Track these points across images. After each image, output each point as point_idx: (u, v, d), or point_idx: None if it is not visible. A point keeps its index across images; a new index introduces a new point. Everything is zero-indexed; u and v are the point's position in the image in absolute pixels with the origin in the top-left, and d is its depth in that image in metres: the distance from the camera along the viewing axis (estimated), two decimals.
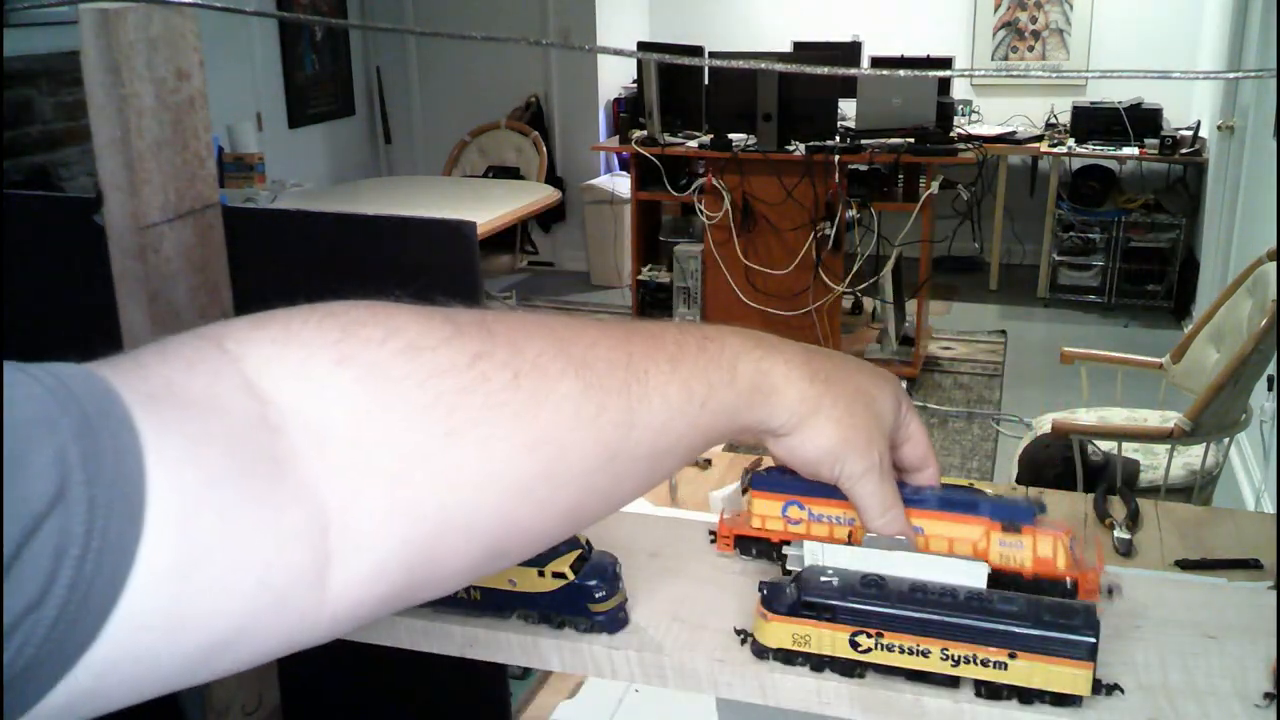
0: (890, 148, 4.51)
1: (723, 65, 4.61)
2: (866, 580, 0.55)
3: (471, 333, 0.41)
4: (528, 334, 0.43)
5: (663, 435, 0.46)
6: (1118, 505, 1.68)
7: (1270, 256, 2.85)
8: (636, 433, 0.45)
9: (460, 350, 0.40)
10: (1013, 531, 0.58)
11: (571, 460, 0.43)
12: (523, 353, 0.42)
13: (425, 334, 0.40)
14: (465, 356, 0.40)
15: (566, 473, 0.43)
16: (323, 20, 1.94)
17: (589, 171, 6.57)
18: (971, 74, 8.00)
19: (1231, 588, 0.66)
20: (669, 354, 0.48)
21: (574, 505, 0.44)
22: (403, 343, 0.39)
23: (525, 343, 0.43)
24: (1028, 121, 6.25)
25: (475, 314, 0.43)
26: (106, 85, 0.75)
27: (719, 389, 0.49)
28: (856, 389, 0.54)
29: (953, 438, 4.37)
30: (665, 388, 0.47)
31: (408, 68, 6.71)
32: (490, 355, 0.41)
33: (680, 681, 0.59)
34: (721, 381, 0.49)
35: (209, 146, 0.84)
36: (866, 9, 6.50)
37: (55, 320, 0.98)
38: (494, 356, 0.41)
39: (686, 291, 4.92)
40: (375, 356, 0.38)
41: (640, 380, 0.46)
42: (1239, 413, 2.76)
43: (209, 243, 0.85)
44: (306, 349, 0.38)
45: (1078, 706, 0.52)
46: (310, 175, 5.76)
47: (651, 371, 0.46)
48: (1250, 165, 4.28)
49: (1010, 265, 6.50)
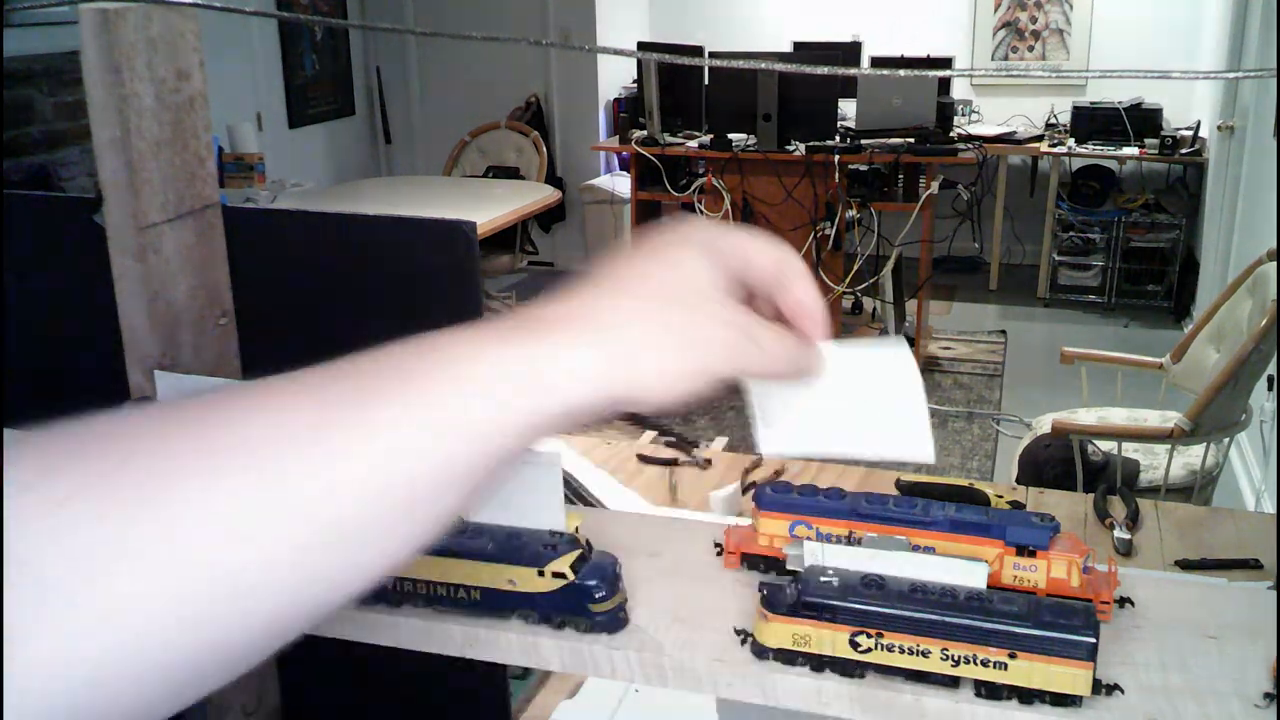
0: (890, 148, 4.51)
1: (723, 65, 4.62)
2: (866, 580, 0.55)
3: (71, 465, 0.35)
4: (168, 446, 0.36)
5: (389, 490, 0.38)
6: (1118, 505, 1.68)
7: (1270, 256, 2.85)
8: (344, 502, 0.37)
9: (48, 494, 0.34)
10: (1027, 555, 0.58)
11: (232, 574, 0.35)
12: (152, 474, 0.35)
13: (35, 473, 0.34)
14: (55, 499, 0.34)
15: (232, 592, 0.35)
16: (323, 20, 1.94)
17: (589, 171, 6.57)
18: (971, 74, 8.00)
19: (1231, 588, 0.66)
20: (387, 389, 0.39)
21: (268, 622, 0.37)
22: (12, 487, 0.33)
23: (164, 457, 0.36)
24: (1028, 121, 6.25)
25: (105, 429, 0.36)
26: (106, 85, 0.75)
27: (469, 407, 0.39)
28: (659, 295, 0.44)
29: (953, 438, 4.37)
30: (373, 436, 0.37)
31: (408, 68, 6.71)
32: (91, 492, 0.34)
33: (680, 681, 0.58)
34: (469, 395, 0.39)
35: (209, 146, 0.84)
36: (866, 9, 6.50)
37: (55, 320, 0.98)
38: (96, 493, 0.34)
39: None
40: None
41: (336, 439, 0.37)
42: (1239, 413, 2.76)
43: (209, 243, 0.85)
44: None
45: (1078, 706, 0.52)
46: (310, 175, 5.76)
47: (365, 416, 0.38)
48: (1250, 165, 4.28)
49: (1010, 265, 6.50)
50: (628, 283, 0.45)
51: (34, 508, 0.34)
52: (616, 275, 0.45)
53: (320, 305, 0.94)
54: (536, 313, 0.43)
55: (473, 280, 0.87)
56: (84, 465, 0.35)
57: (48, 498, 0.34)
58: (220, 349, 0.87)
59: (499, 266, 5.28)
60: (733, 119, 4.67)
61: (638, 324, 0.43)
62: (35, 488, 0.34)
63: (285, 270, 0.94)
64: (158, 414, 0.39)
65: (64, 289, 0.96)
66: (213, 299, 0.86)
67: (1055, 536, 0.59)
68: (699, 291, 0.45)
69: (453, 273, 0.87)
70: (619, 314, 0.43)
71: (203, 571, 0.35)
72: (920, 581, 0.55)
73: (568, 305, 0.44)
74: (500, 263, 5.26)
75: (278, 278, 0.93)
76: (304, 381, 0.39)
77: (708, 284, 0.46)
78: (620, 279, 0.45)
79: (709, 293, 0.45)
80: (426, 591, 0.62)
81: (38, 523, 0.34)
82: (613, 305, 0.44)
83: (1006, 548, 0.58)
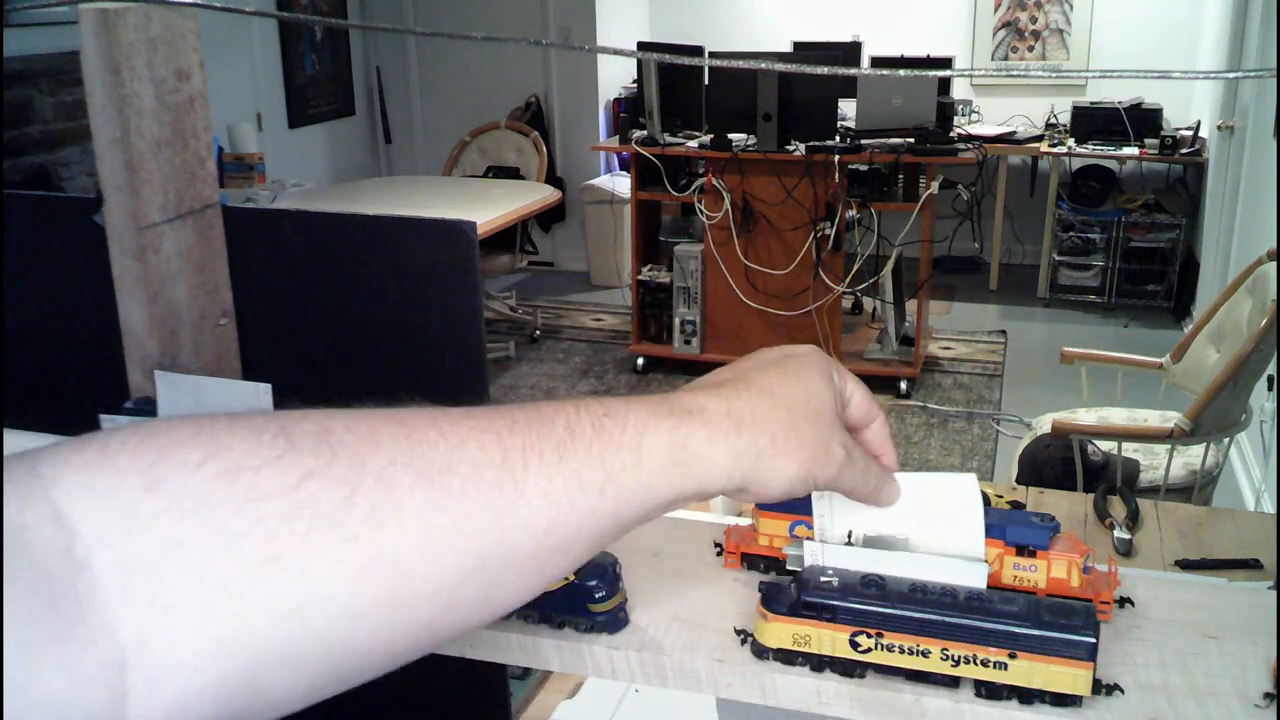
0: (890, 148, 4.51)
1: (723, 65, 4.61)
2: (866, 580, 0.55)
3: (306, 447, 0.39)
4: (377, 443, 0.41)
5: (550, 534, 0.43)
6: (1118, 505, 1.68)
7: (1270, 256, 2.85)
8: (512, 535, 0.42)
9: (288, 469, 0.38)
10: (1027, 555, 0.58)
11: (422, 578, 0.40)
12: (366, 466, 0.40)
13: (251, 453, 0.38)
14: (293, 476, 0.38)
15: (415, 592, 0.40)
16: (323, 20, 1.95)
17: (589, 171, 6.57)
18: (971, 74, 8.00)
19: (1231, 588, 0.66)
20: (556, 442, 0.44)
21: (431, 620, 0.41)
22: (222, 465, 0.37)
23: (372, 453, 0.40)
24: (1028, 121, 6.25)
25: (320, 423, 0.41)
26: (106, 85, 0.75)
27: (621, 473, 0.45)
28: (791, 406, 0.51)
29: (953, 438, 4.37)
30: (549, 482, 0.43)
31: (408, 68, 6.71)
32: (323, 473, 0.39)
33: (680, 681, 0.58)
34: (624, 464, 0.45)
35: (209, 146, 0.84)
36: (866, 9, 6.50)
37: (55, 320, 0.98)
38: (328, 474, 0.39)
39: (686, 291, 4.92)
40: (188, 481, 0.37)
41: (516, 478, 0.42)
42: (1239, 413, 2.76)
43: (209, 243, 0.85)
44: (119, 475, 0.36)
45: (1078, 706, 0.52)
46: (310, 175, 5.76)
47: (533, 465, 0.43)
48: (1250, 165, 4.28)
49: (1010, 265, 6.50)
50: (768, 387, 0.52)
51: (273, 480, 0.38)
52: (758, 375, 0.53)
53: (320, 305, 0.94)
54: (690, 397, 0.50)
55: (473, 280, 0.87)
56: (329, 447, 0.39)
57: (288, 471, 0.38)
58: (220, 349, 0.87)
59: (499, 266, 5.28)
60: (733, 119, 4.67)
61: (775, 427, 0.50)
62: (279, 460, 0.38)
63: (285, 270, 0.94)
64: (361, 421, 0.42)
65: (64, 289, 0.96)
66: (213, 299, 0.86)
67: (1055, 536, 0.59)
68: (822, 413, 0.53)
69: (453, 273, 0.87)
70: (758, 415, 0.50)
71: (383, 572, 0.39)
72: (920, 581, 0.55)
73: (718, 396, 0.50)
74: (500, 263, 5.26)
75: (278, 278, 0.93)
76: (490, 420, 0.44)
77: (831, 407, 0.54)
78: (761, 382, 0.52)
79: (830, 416, 0.53)
80: None
81: (280, 497, 0.37)
82: (752, 405, 0.50)
83: (1006, 548, 0.58)
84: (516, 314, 5.81)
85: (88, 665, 0.34)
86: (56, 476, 0.35)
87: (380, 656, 0.41)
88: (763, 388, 0.52)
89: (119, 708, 0.35)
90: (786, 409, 0.51)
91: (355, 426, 0.41)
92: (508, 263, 5.30)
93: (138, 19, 0.76)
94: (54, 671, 0.33)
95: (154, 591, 0.35)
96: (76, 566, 0.34)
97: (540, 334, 5.68)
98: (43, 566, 0.33)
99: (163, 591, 0.35)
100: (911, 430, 4.45)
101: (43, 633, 0.33)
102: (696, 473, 0.48)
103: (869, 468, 0.55)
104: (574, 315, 6.04)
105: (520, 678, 1.27)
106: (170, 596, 0.35)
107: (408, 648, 0.42)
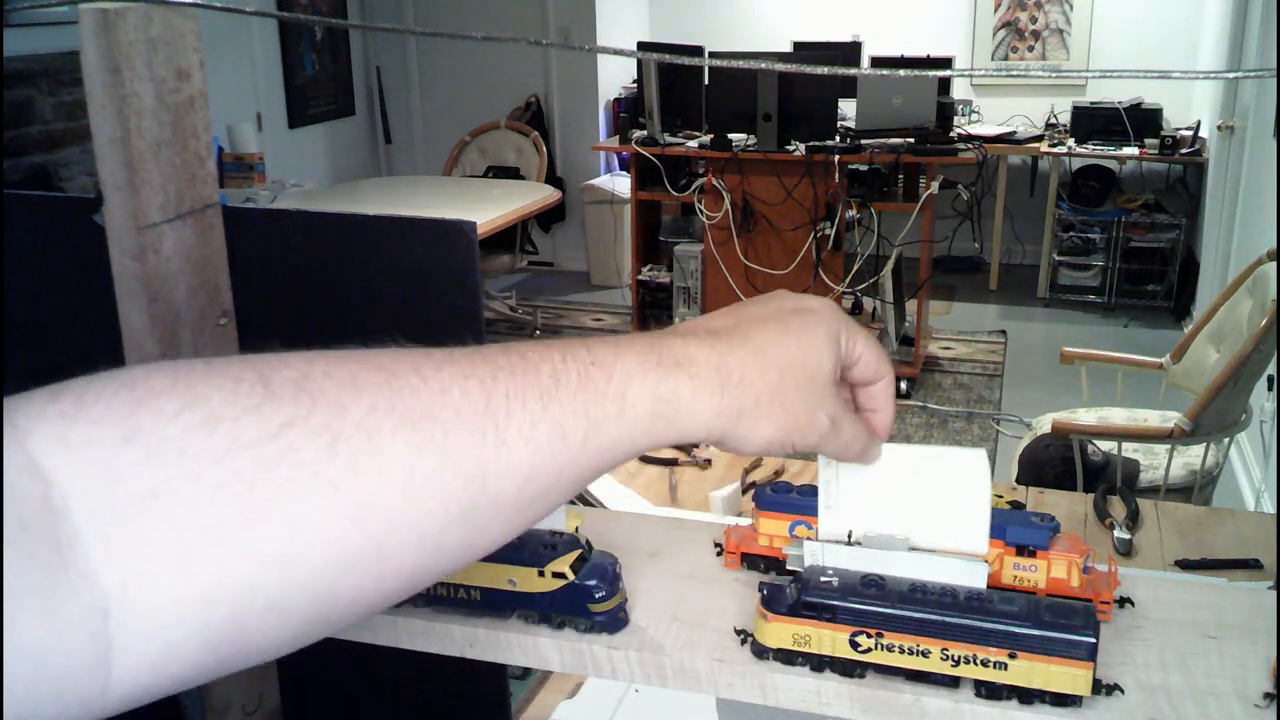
0: (890, 148, 4.51)
1: (723, 65, 4.61)
2: (866, 580, 0.55)
3: (285, 395, 0.38)
4: (358, 389, 0.40)
5: (531, 480, 0.43)
6: (1118, 505, 1.68)
7: (1270, 256, 2.85)
8: (494, 483, 0.42)
9: (267, 419, 0.38)
10: (1027, 555, 0.58)
11: (406, 525, 0.40)
12: (346, 413, 0.39)
13: (229, 402, 0.37)
14: (272, 426, 0.37)
15: (400, 540, 0.40)
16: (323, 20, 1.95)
17: (589, 171, 6.57)
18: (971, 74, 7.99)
19: (1231, 588, 0.66)
20: (540, 389, 0.43)
21: (415, 566, 0.41)
22: (201, 415, 0.37)
23: (352, 400, 0.39)
24: (1028, 121, 6.25)
25: (300, 369, 0.40)
26: (106, 85, 0.75)
27: (604, 423, 0.45)
28: (783, 369, 0.50)
29: (953, 438, 4.37)
30: (532, 429, 0.43)
31: (408, 68, 6.71)
32: (303, 421, 0.38)
33: (680, 681, 0.58)
34: (607, 415, 0.45)
35: (209, 146, 0.84)
36: (866, 9, 6.50)
37: (55, 320, 0.98)
38: (308, 422, 0.38)
39: (686, 291, 4.92)
40: (166, 432, 0.36)
41: (499, 425, 0.42)
42: (1239, 413, 2.76)
43: (209, 243, 0.85)
44: (94, 426, 0.36)
45: (1078, 706, 0.52)
46: (310, 175, 5.76)
47: (516, 413, 0.42)
48: (1250, 165, 4.28)
49: (1010, 265, 6.50)
50: (764, 345, 0.51)
51: (252, 430, 0.37)
52: (758, 330, 0.51)
53: (320, 305, 0.94)
54: (682, 344, 0.49)
55: (473, 280, 0.87)
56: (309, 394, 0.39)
57: (267, 421, 0.38)
58: (220, 349, 0.87)
59: (499, 266, 5.29)
60: (733, 119, 4.67)
61: (761, 390, 0.49)
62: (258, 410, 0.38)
63: (285, 270, 0.94)
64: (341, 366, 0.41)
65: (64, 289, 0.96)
66: (213, 299, 0.86)
67: (1055, 536, 0.59)
68: (815, 379, 0.52)
69: (453, 273, 0.87)
70: (748, 376, 0.49)
71: (367, 520, 0.39)
72: (920, 581, 0.55)
73: (711, 347, 0.49)
74: (500, 263, 5.26)
75: (278, 278, 0.93)
76: (474, 364, 0.43)
77: (828, 374, 0.52)
78: (758, 339, 0.51)
79: (824, 383, 0.52)
80: (426, 591, 0.62)
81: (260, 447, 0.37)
82: (743, 363, 0.49)
83: (1006, 548, 0.58)
84: (516, 314, 5.81)
85: (70, 614, 0.34)
86: (30, 428, 0.35)
87: (365, 603, 0.41)
88: (758, 345, 0.50)
89: (103, 656, 0.35)
90: (778, 371, 0.50)
91: (335, 372, 0.40)
92: (508, 263, 5.30)
93: (138, 19, 0.76)
94: (36, 620, 0.33)
95: (134, 541, 0.35)
96: (55, 516, 0.34)
97: (540, 334, 5.68)
98: (19, 516, 0.33)
99: (143, 541, 0.35)
100: (911, 430, 4.45)
101: (22, 581, 0.32)
102: (678, 426, 0.48)
103: (855, 436, 0.55)
104: (574, 315, 6.04)
105: (520, 678, 1.27)
106: (151, 547, 0.35)
107: (393, 592, 0.42)
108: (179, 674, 0.37)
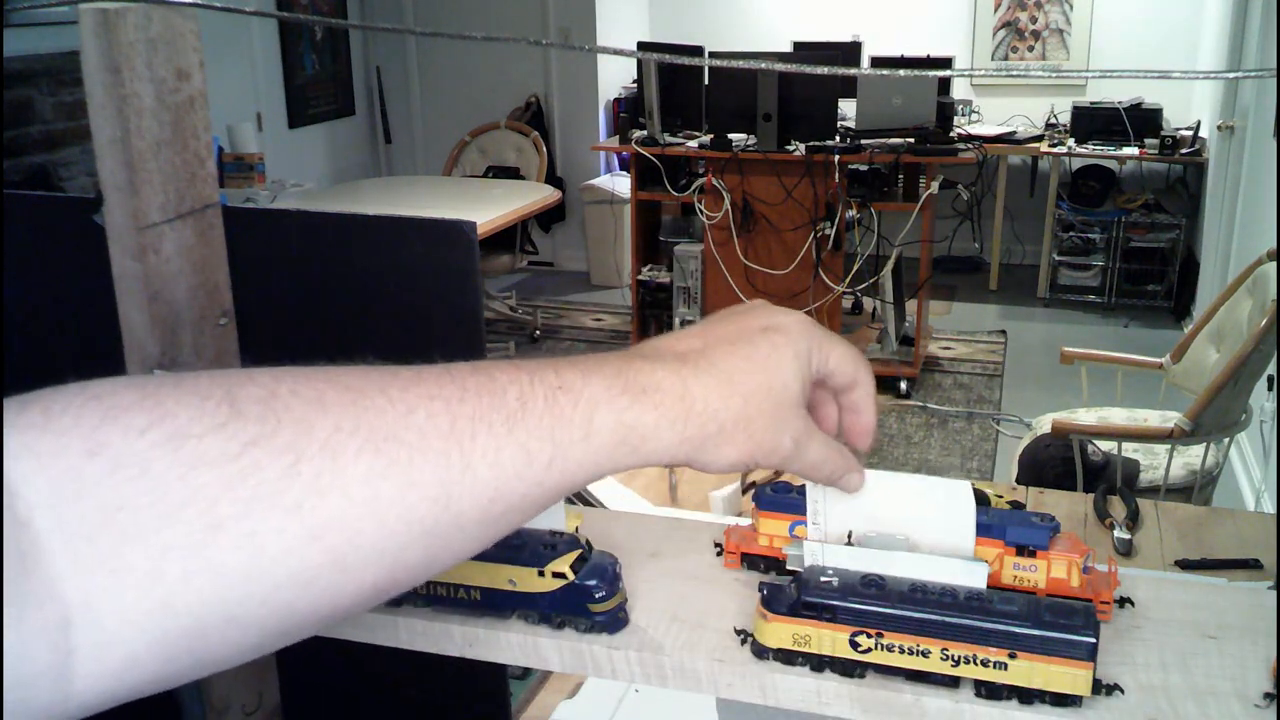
0: (890, 148, 4.51)
1: (723, 65, 4.61)
2: (866, 580, 0.55)
3: (251, 414, 0.39)
4: (324, 408, 0.40)
5: (495, 502, 0.44)
6: (1118, 505, 1.68)
7: (1270, 256, 2.85)
8: (458, 504, 0.42)
9: (231, 437, 0.38)
10: (1027, 555, 0.58)
11: (368, 545, 0.40)
12: (312, 433, 0.40)
13: (195, 420, 0.38)
14: (236, 444, 0.38)
15: (361, 558, 0.40)
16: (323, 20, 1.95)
17: (589, 171, 6.57)
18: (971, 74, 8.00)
19: (1231, 588, 0.66)
20: (506, 413, 0.44)
21: (375, 582, 0.42)
22: (166, 432, 0.37)
23: (319, 419, 0.40)
24: (1028, 121, 6.25)
25: (268, 387, 0.40)
26: (106, 85, 0.75)
27: (569, 448, 0.45)
28: (747, 396, 0.51)
29: (953, 438, 4.37)
30: (497, 453, 0.43)
31: (408, 68, 6.71)
32: (268, 440, 0.39)
33: (680, 681, 0.58)
34: (573, 439, 0.45)
35: (209, 146, 0.84)
36: (866, 9, 6.50)
37: (55, 320, 0.98)
38: (273, 441, 0.39)
39: (686, 291, 4.92)
40: (132, 447, 0.37)
41: (464, 448, 0.42)
42: (1239, 413, 2.76)
43: (209, 243, 0.85)
44: (61, 438, 0.36)
45: (1078, 706, 0.52)
46: (310, 175, 5.76)
47: (481, 436, 0.43)
48: (1250, 165, 4.28)
49: (1010, 265, 6.51)
50: (730, 371, 0.51)
51: (216, 448, 0.38)
52: (724, 354, 0.51)
53: (320, 305, 0.94)
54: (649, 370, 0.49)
55: (473, 280, 0.87)
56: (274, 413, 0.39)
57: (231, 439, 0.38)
58: (220, 349, 0.87)
59: (499, 266, 5.29)
60: (733, 119, 4.67)
61: (725, 418, 0.50)
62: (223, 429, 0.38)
63: (285, 270, 0.94)
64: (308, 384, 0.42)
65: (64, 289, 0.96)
66: (213, 299, 0.86)
67: (1055, 536, 0.59)
68: (781, 404, 0.52)
69: (453, 273, 0.87)
70: (711, 404, 0.50)
71: (328, 538, 0.39)
72: (920, 581, 0.55)
73: (676, 374, 0.49)
74: (500, 263, 5.26)
75: (278, 278, 0.93)
76: (441, 385, 0.44)
77: (794, 397, 0.52)
78: (724, 365, 0.51)
79: (789, 406, 0.52)
80: (426, 591, 0.62)
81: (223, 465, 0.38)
82: (708, 391, 0.50)
83: (1006, 548, 0.58)
84: (516, 314, 5.81)
85: (32, 623, 0.34)
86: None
87: (325, 615, 0.41)
88: (723, 372, 0.51)
89: (65, 665, 0.35)
90: (742, 398, 0.50)
91: (302, 390, 0.41)
92: (508, 263, 5.30)
93: (138, 19, 0.76)
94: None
95: (98, 554, 0.35)
96: (19, 526, 0.34)
97: (540, 334, 5.68)
98: None
99: (107, 555, 0.36)
100: (911, 430, 4.45)
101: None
102: (641, 452, 0.48)
103: (824, 459, 0.55)
104: (574, 315, 6.04)
105: (520, 678, 1.27)
106: (115, 560, 0.36)
107: (352, 606, 0.42)
108: (139, 682, 0.37)
